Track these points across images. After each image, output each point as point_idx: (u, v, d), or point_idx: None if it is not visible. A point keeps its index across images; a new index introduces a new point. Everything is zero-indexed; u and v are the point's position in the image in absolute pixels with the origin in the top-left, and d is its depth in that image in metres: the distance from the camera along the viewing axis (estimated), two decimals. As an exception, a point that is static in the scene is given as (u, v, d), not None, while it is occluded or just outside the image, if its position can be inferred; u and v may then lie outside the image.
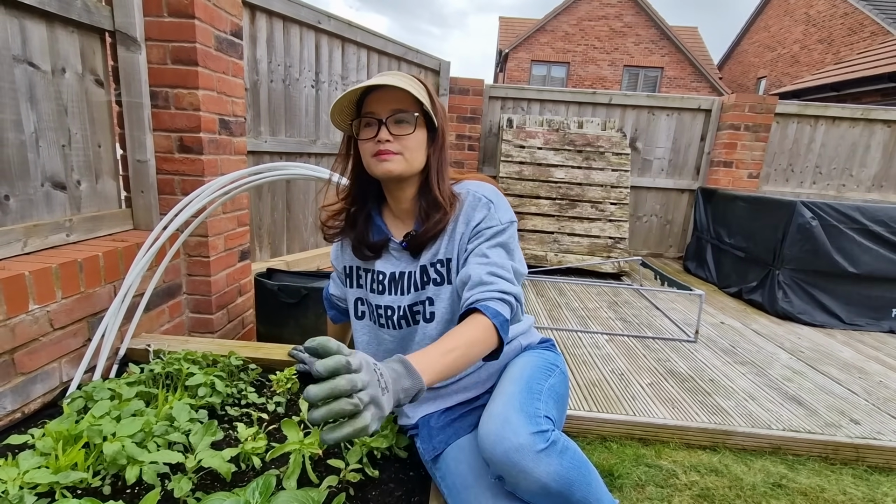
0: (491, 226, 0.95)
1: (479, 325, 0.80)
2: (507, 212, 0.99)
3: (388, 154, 0.93)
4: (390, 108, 0.92)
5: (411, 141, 0.94)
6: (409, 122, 0.93)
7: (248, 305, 2.20)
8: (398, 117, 0.93)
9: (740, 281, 3.45)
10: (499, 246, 0.94)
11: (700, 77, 15.87)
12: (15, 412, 1.22)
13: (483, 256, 0.92)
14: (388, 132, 0.92)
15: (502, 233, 0.96)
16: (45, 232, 1.41)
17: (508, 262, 0.93)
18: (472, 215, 0.97)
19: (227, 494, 0.86)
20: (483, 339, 0.79)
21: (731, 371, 2.17)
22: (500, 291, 0.85)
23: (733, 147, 4.27)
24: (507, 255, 0.95)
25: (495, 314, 0.82)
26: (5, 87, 1.28)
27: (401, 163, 0.94)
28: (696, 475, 1.50)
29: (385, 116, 0.92)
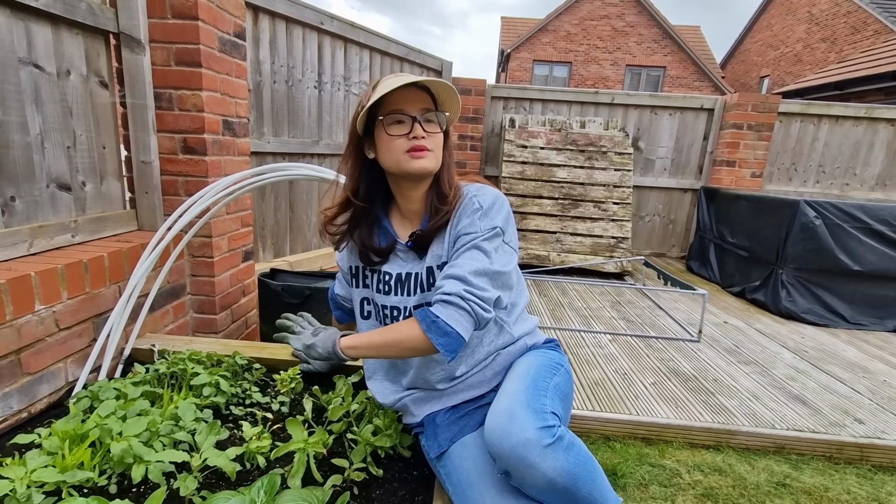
0: (471, 231, 0.97)
1: (407, 327, 0.95)
2: (494, 219, 0.97)
3: (423, 151, 0.95)
4: (420, 107, 0.96)
5: (439, 139, 0.99)
6: (437, 122, 0.98)
7: (251, 306, 2.21)
8: (428, 116, 0.97)
9: (743, 280, 3.44)
10: (473, 248, 0.95)
11: (703, 76, 15.83)
12: (21, 412, 1.23)
13: (451, 263, 0.97)
14: (422, 129, 0.95)
15: (480, 238, 0.96)
16: (51, 233, 1.42)
17: (475, 263, 0.92)
18: (461, 220, 0.99)
19: (233, 493, 0.87)
20: (406, 337, 0.94)
21: (735, 371, 2.17)
22: (442, 294, 0.91)
23: (736, 146, 4.26)
24: (481, 255, 0.94)
25: (424, 317, 0.92)
26: (11, 89, 1.29)
27: (433, 160, 0.98)
28: (699, 474, 1.50)
29: (417, 114, 0.95)
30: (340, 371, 1.47)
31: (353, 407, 1.23)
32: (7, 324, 1.16)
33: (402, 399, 1.11)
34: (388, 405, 1.14)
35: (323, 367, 1.48)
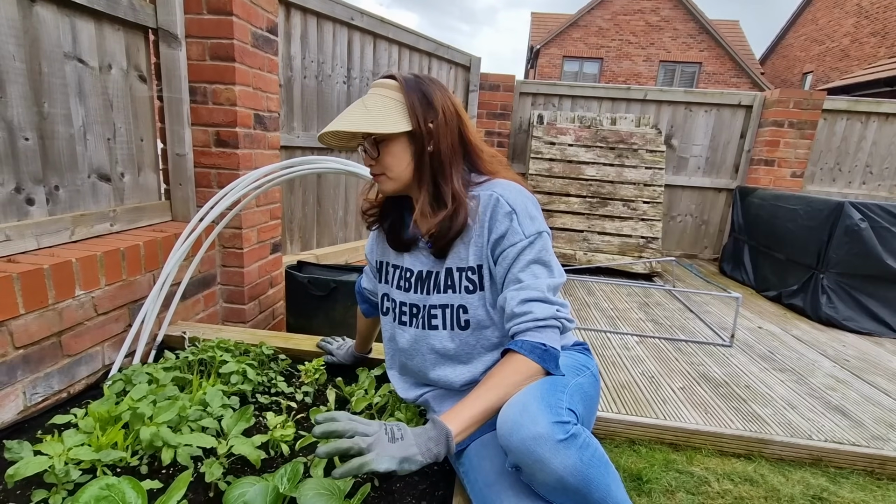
0: (515, 242, 0.91)
1: (512, 362, 0.86)
2: (534, 221, 0.93)
3: (377, 177, 1.00)
4: (357, 139, 1.01)
5: (385, 159, 0.97)
6: (373, 146, 0.97)
7: (278, 297, 2.25)
8: (371, 140, 0.97)
9: (780, 284, 3.30)
10: (531, 264, 0.91)
11: (740, 72, 15.27)
12: (61, 392, 1.29)
13: (517, 281, 0.92)
14: (369, 159, 0.99)
15: (530, 247, 0.91)
16: (91, 221, 1.47)
17: (544, 280, 0.90)
18: (493, 225, 0.93)
19: (257, 479, 0.88)
20: (516, 372, 0.84)
21: (769, 378, 2.08)
22: (534, 320, 0.87)
23: (776, 145, 4.09)
24: (543, 271, 0.91)
25: (531, 348, 0.85)
26: (56, 82, 1.34)
27: (387, 182, 0.99)
28: (729, 483, 1.45)
29: (361, 143, 1.00)
30: (364, 364, 1.48)
31: (376, 399, 1.24)
32: (50, 307, 1.21)
33: (424, 395, 1.11)
34: (409, 400, 1.14)
35: (347, 359, 1.49)
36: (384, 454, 0.72)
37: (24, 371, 1.18)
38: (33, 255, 1.27)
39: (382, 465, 0.71)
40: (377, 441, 0.74)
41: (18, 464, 0.86)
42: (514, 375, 0.83)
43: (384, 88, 0.97)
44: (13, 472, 0.84)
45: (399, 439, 0.76)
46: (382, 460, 0.71)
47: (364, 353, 1.48)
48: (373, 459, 0.71)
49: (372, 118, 0.92)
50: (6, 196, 1.23)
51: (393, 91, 0.95)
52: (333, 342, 1.56)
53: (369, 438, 0.75)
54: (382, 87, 0.97)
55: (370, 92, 0.98)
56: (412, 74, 0.98)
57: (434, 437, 0.76)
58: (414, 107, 0.93)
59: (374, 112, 0.93)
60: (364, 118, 0.93)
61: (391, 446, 0.74)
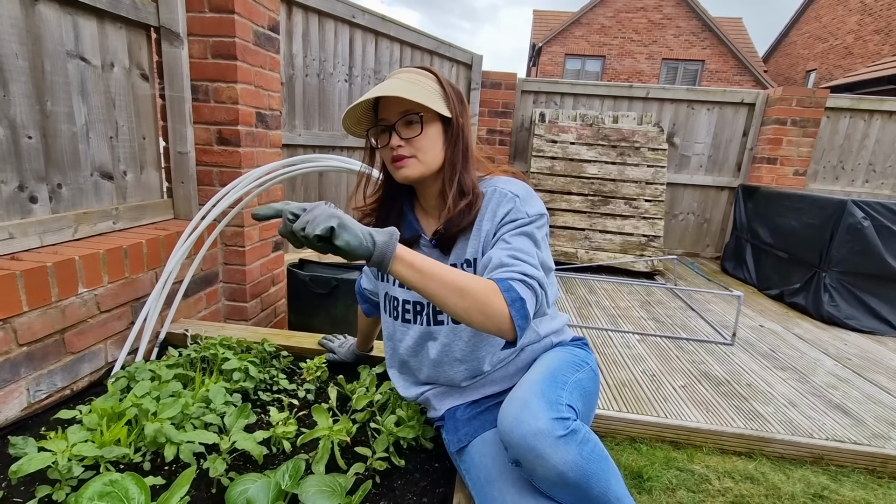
0: (516, 218, 0.92)
1: (484, 281, 0.78)
2: (536, 206, 0.95)
3: (402, 160, 0.93)
4: (398, 111, 0.92)
5: (423, 141, 0.93)
6: (417, 122, 0.93)
7: (280, 295, 2.26)
8: (406, 119, 0.93)
9: (782, 283, 3.30)
10: (523, 234, 0.90)
11: (743, 70, 15.21)
12: (65, 389, 1.30)
13: (505, 242, 0.89)
14: (398, 137, 0.93)
15: (528, 224, 0.92)
16: (94, 219, 1.48)
17: (533, 249, 0.88)
18: (497, 210, 0.94)
19: (259, 476, 0.89)
20: (483, 291, 0.75)
21: (771, 376, 2.08)
22: (521, 273, 0.81)
23: (778, 143, 4.08)
24: (531, 244, 0.90)
25: (508, 288, 0.77)
26: (59, 81, 1.34)
27: (416, 166, 0.94)
28: (730, 481, 1.45)
29: (394, 121, 0.93)
30: (365, 361, 1.49)
31: (377, 397, 1.24)
32: (53, 304, 1.21)
33: (424, 393, 1.11)
34: (410, 399, 1.15)
35: (348, 357, 1.50)
36: (322, 214, 0.69)
37: (28, 368, 1.18)
38: (36, 252, 1.27)
39: (320, 224, 0.68)
40: (315, 206, 0.71)
41: (22, 460, 0.86)
42: (473, 284, 0.76)
43: (420, 76, 0.95)
44: (16, 468, 0.85)
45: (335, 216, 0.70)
46: (319, 219, 0.68)
47: (365, 351, 1.49)
48: (311, 219, 0.69)
49: (424, 93, 0.91)
50: (9, 194, 1.24)
51: (430, 80, 0.96)
52: (335, 340, 1.56)
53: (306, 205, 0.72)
54: (418, 73, 0.96)
55: (405, 74, 0.95)
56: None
57: (379, 230, 0.74)
58: (451, 97, 0.96)
59: (424, 89, 0.92)
60: (421, 92, 0.90)
61: (329, 210, 0.71)
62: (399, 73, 0.97)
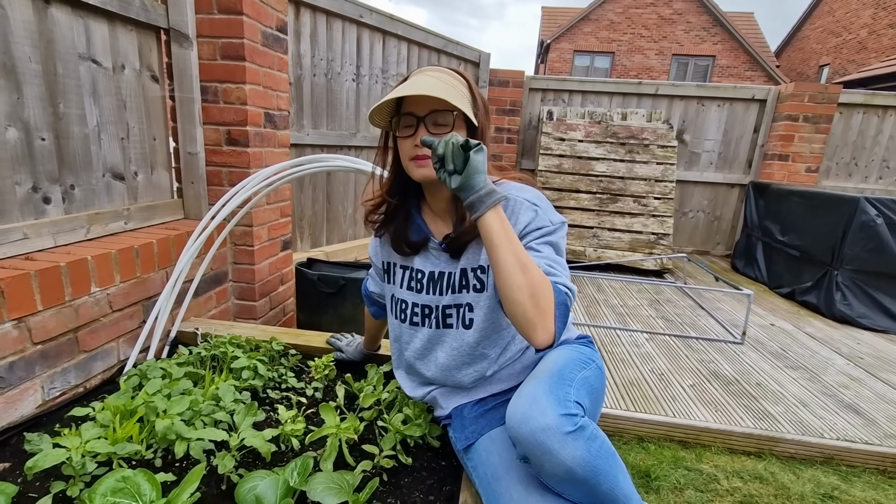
0: (542, 226, 0.93)
1: (545, 276, 0.82)
2: (555, 213, 0.97)
3: (424, 160, 0.93)
4: (429, 108, 0.92)
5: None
6: (447, 123, 0.92)
7: (289, 294, 2.28)
8: (436, 118, 0.92)
9: (794, 281, 3.26)
10: (549, 244, 0.92)
11: (755, 65, 15.01)
12: (78, 386, 1.32)
13: (535, 251, 0.90)
14: (426, 131, 0.92)
15: (553, 233, 0.94)
16: (106, 220, 1.50)
17: (562, 259, 0.92)
18: (518, 219, 0.94)
19: (268, 472, 0.90)
20: (542, 280, 0.80)
21: (781, 375, 2.06)
22: (564, 285, 0.86)
23: (790, 139, 4.03)
24: (555, 254, 0.93)
25: (558, 291, 0.83)
26: (72, 83, 1.36)
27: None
28: (738, 481, 1.44)
29: (423, 115, 0.92)
30: (372, 360, 1.50)
31: (384, 395, 1.25)
32: (66, 304, 1.24)
33: (431, 392, 1.12)
34: (416, 398, 1.15)
35: (356, 356, 1.51)
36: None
37: (42, 366, 1.21)
38: (50, 252, 1.30)
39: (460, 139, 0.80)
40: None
41: (37, 456, 0.88)
42: (539, 273, 0.80)
43: (453, 78, 0.96)
44: (32, 464, 0.87)
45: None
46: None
47: (373, 350, 1.49)
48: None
49: (459, 97, 0.91)
50: (24, 195, 1.26)
51: (461, 85, 0.96)
52: (343, 339, 1.58)
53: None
54: (451, 75, 0.96)
55: (437, 73, 0.95)
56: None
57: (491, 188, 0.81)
58: (479, 104, 0.97)
59: (458, 93, 0.92)
60: (455, 95, 0.90)
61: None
62: (431, 71, 0.96)
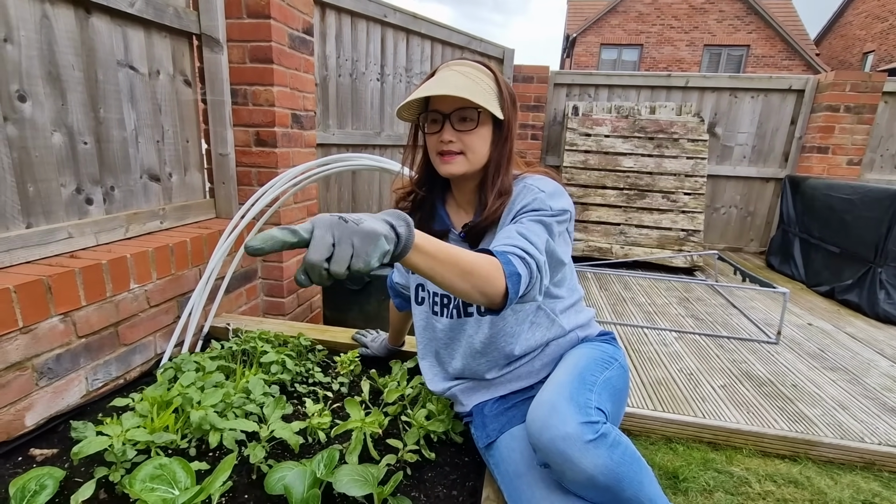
0: (537, 208, 0.90)
1: (487, 259, 0.73)
2: (561, 202, 0.94)
3: (450, 157, 0.94)
4: (454, 105, 0.92)
5: (474, 138, 0.94)
6: (472, 120, 0.93)
7: (315, 291, 2.33)
8: (461, 114, 0.93)
9: (833, 279, 3.12)
10: (538, 222, 0.88)
11: (793, 54, 14.38)
12: (118, 378, 1.39)
13: (519, 224, 0.87)
14: (451, 128, 0.93)
15: (548, 216, 0.90)
16: (143, 219, 1.57)
17: (544, 235, 0.86)
18: (518, 202, 0.94)
19: (296, 464, 0.93)
20: (487, 270, 0.71)
21: (819, 377, 1.98)
22: (522, 249, 0.78)
23: (830, 131, 3.85)
24: (543, 230, 0.87)
25: (507, 262, 0.74)
26: (111, 89, 1.43)
27: (462, 164, 0.95)
28: (771, 485, 1.40)
29: (449, 112, 0.93)
30: (396, 356, 1.52)
31: (408, 391, 1.27)
32: (108, 299, 1.30)
33: (451, 388, 1.13)
34: (438, 393, 1.16)
35: (380, 351, 1.53)
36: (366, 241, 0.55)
37: (86, 358, 1.27)
38: (92, 251, 1.36)
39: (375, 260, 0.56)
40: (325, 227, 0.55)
41: (82, 443, 0.93)
42: (480, 270, 0.70)
43: (480, 73, 0.96)
44: (77, 449, 0.92)
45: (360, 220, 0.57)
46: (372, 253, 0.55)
47: (397, 345, 1.52)
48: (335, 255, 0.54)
49: (484, 94, 0.91)
50: (68, 196, 1.33)
51: (488, 79, 0.96)
52: (368, 335, 1.60)
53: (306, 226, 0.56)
54: (478, 69, 0.96)
55: (464, 68, 0.95)
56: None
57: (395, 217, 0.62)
58: (505, 97, 0.96)
59: (484, 89, 0.92)
60: (479, 92, 0.90)
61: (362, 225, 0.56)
62: (456, 65, 0.96)
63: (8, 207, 1.18)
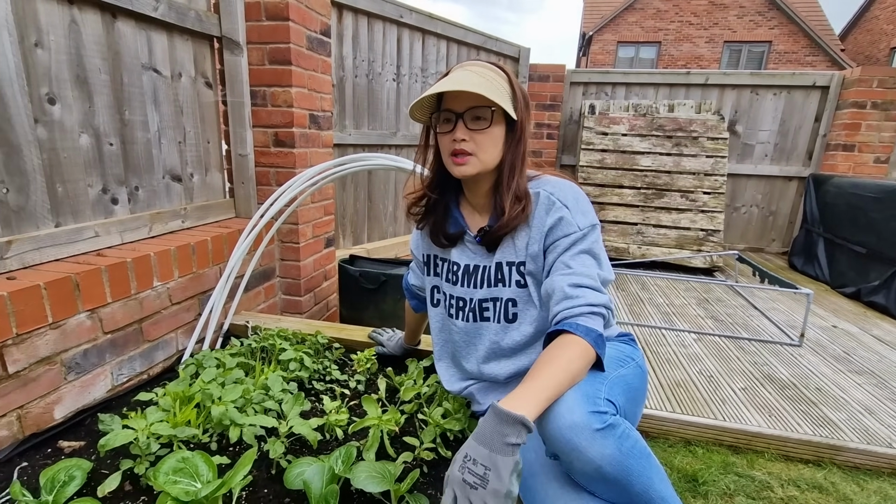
0: (568, 233, 0.92)
1: (571, 345, 0.80)
2: (587, 215, 0.94)
3: (463, 157, 0.94)
4: (467, 104, 0.92)
5: (486, 138, 0.93)
6: (486, 119, 0.93)
7: (332, 290, 2.35)
8: (475, 113, 0.92)
9: (859, 280, 3.04)
10: (582, 253, 0.91)
11: (817, 50, 14.02)
12: (142, 373, 1.42)
13: (566, 267, 0.90)
14: (464, 127, 0.93)
15: (583, 239, 0.92)
16: (166, 219, 1.60)
17: (594, 269, 0.90)
18: (545, 220, 0.94)
19: (314, 459, 0.94)
20: (579, 357, 0.78)
21: (844, 380, 1.93)
22: (588, 305, 0.84)
23: (856, 128, 3.74)
24: (593, 262, 0.91)
25: (587, 331, 0.81)
26: (135, 91, 1.47)
27: (475, 164, 0.95)
28: (794, 490, 1.37)
29: (462, 111, 0.93)
30: (412, 355, 1.53)
31: (424, 389, 1.27)
32: (132, 297, 1.34)
33: (468, 388, 1.13)
34: (454, 392, 1.17)
35: (396, 350, 1.54)
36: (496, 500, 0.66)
37: (112, 354, 1.31)
38: (118, 249, 1.40)
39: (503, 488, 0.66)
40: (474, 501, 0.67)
41: (108, 436, 0.96)
42: (577, 361, 0.78)
43: (493, 73, 0.95)
44: (104, 442, 0.95)
45: (485, 476, 0.67)
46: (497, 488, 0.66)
47: (413, 344, 1.52)
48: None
49: (498, 92, 0.91)
50: (95, 196, 1.37)
51: (501, 79, 0.96)
52: (384, 333, 1.61)
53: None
54: (491, 70, 0.96)
55: (477, 68, 0.95)
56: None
57: (510, 433, 0.69)
58: (518, 99, 0.96)
59: (497, 88, 0.92)
60: (493, 90, 0.90)
61: (482, 493, 0.67)
62: (470, 66, 0.96)
63: (38, 207, 1.22)
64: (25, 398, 1.10)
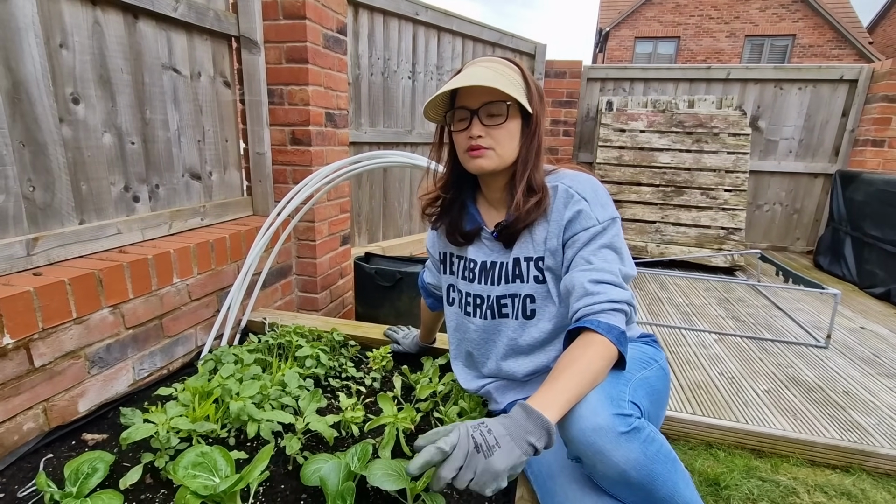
0: (588, 226, 0.90)
1: (593, 343, 0.78)
2: (606, 208, 0.92)
3: (479, 150, 0.93)
4: (482, 100, 0.91)
5: (502, 133, 0.92)
6: (501, 114, 0.92)
7: (348, 287, 2.36)
8: (489, 109, 0.91)
9: (890, 280, 2.94)
10: (603, 248, 0.89)
11: (843, 43, 13.60)
12: (162, 368, 1.44)
13: (586, 262, 0.88)
14: (479, 124, 0.92)
15: (603, 233, 0.90)
16: (186, 216, 1.63)
17: (616, 265, 0.88)
18: (564, 213, 0.93)
19: (331, 456, 0.94)
20: (601, 357, 0.77)
21: (873, 384, 1.87)
22: (609, 301, 0.82)
23: (886, 123, 3.62)
24: (615, 257, 0.89)
25: (609, 329, 0.79)
26: (156, 91, 1.49)
27: (493, 158, 0.94)
28: (821, 496, 1.33)
29: (477, 107, 0.92)
30: (428, 353, 1.52)
31: (440, 388, 1.27)
32: (153, 293, 1.36)
33: (486, 386, 1.12)
34: (471, 391, 1.16)
35: (412, 348, 1.54)
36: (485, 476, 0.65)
37: (133, 349, 1.33)
38: (139, 246, 1.42)
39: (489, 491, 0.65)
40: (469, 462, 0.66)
41: (130, 429, 0.98)
42: (599, 361, 0.77)
43: (507, 68, 0.95)
44: (126, 435, 0.96)
45: (491, 450, 0.66)
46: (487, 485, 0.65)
47: (428, 342, 1.52)
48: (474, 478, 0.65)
49: (512, 86, 0.90)
50: (117, 194, 1.39)
51: (515, 74, 0.95)
52: (399, 331, 1.61)
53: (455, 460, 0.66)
54: (504, 65, 0.95)
55: (491, 63, 0.94)
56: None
57: (534, 432, 0.68)
58: (532, 92, 0.95)
59: (512, 82, 0.92)
60: (507, 84, 0.90)
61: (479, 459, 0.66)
62: (484, 62, 0.95)
63: (63, 205, 1.24)
64: (51, 391, 1.13)
